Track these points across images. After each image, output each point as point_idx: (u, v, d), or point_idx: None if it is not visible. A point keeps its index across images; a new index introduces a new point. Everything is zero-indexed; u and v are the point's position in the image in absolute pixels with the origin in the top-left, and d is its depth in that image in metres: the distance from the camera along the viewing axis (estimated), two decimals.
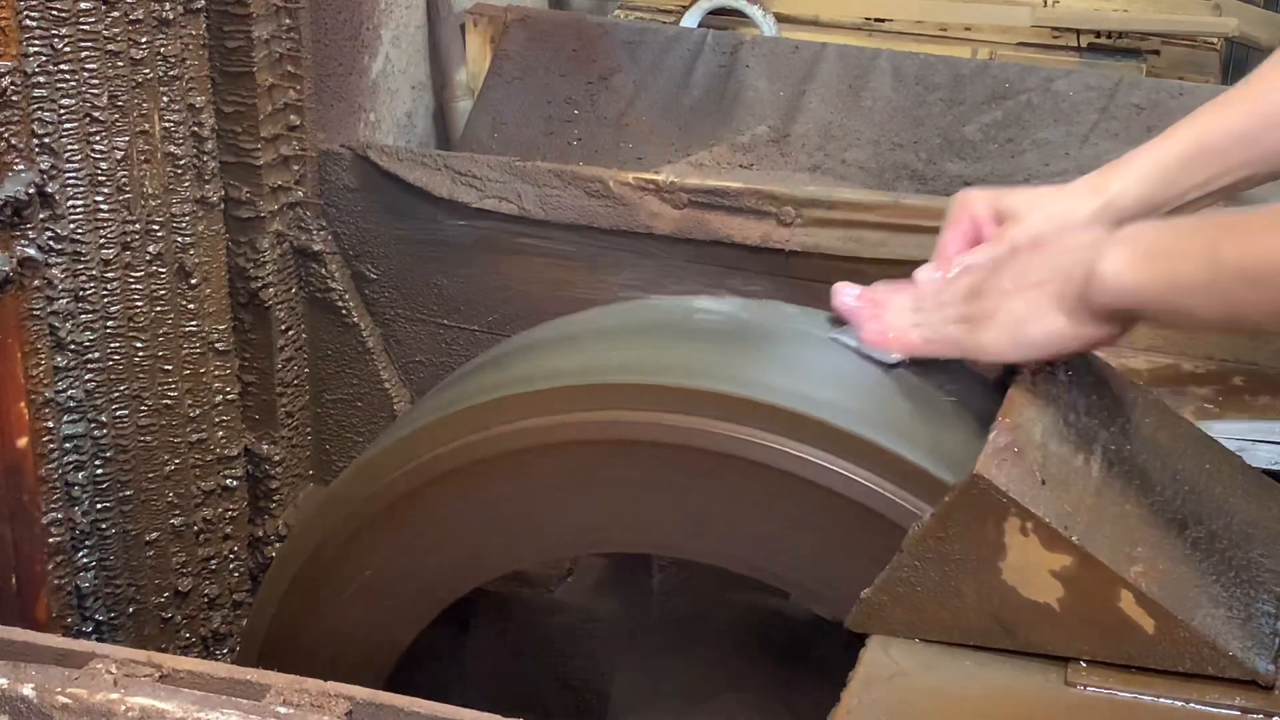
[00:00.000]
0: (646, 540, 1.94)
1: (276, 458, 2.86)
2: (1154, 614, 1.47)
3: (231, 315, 2.66)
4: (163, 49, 2.37)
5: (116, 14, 2.29)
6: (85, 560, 2.50)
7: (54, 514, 2.37)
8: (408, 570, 1.99)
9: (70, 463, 2.42)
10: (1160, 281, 1.54)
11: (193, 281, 2.52)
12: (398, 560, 1.99)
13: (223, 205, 2.57)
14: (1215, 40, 3.96)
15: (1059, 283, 1.63)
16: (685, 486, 1.79)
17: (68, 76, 2.26)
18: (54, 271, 2.32)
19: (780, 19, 3.97)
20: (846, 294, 1.88)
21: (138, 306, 2.46)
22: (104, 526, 2.52)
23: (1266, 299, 1.44)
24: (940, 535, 1.52)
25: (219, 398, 2.64)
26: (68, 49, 2.25)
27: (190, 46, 2.42)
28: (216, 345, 2.61)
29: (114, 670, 1.28)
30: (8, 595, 2.32)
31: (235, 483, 2.72)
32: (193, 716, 1.24)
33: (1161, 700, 1.48)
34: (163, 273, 2.48)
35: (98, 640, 2.39)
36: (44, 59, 2.23)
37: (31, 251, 2.24)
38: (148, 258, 2.45)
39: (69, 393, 2.39)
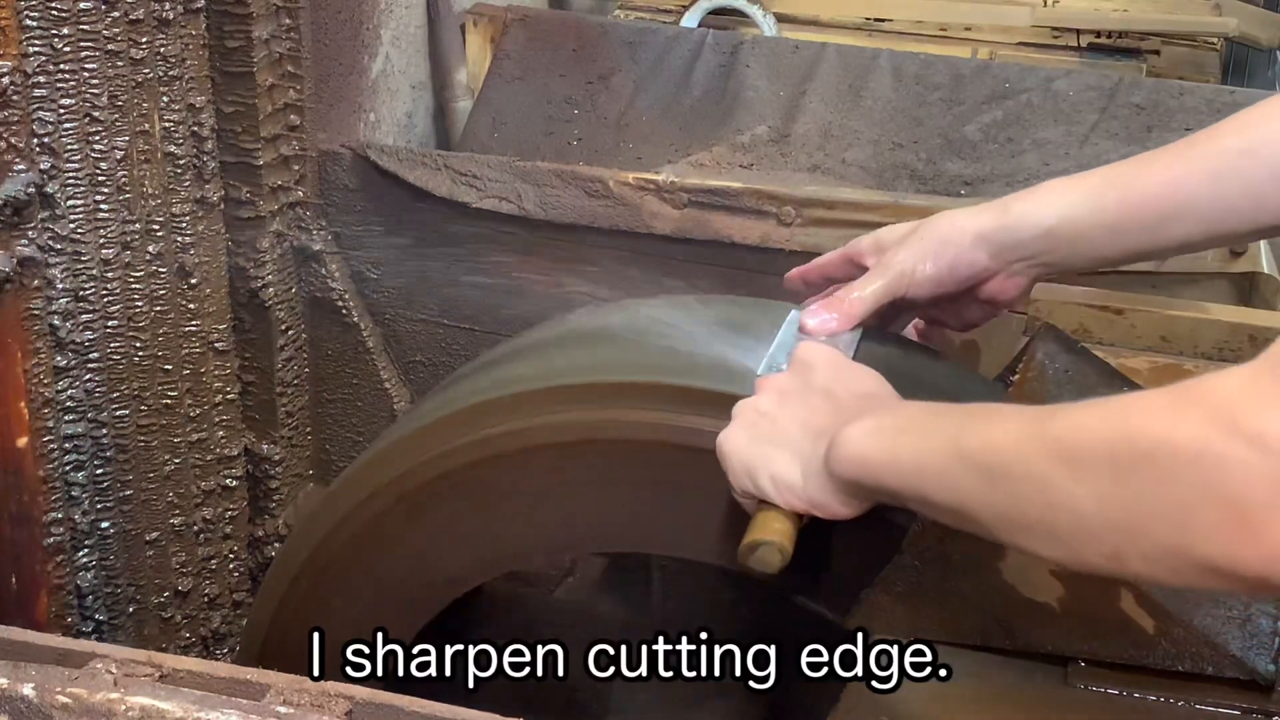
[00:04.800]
0: (646, 540, 1.94)
1: (276, 457, 2.86)
2: (1154, 614, 1.47)
3: (231, 315, 2.66)
4: (163, 49, 2.37)
5: (116, 14, 2.29)
6: (85, 560, 2.50)
7: (54, 514, 2.37)
8: (408, 570, 1.99)
9: (70, 463, 2.42)
10: (900, 460, 1.37)
11: (193, 281, 2.52)
12: (398, 560, 1.99)
13: (223, 205, 2.57)
14: (1215, 40, 3.96)
15: (811, 436, 1.53)
16: (685, 486, 1.79)
17: (68, 76, 2.26)
18: (54, 271, 2.32)
19: (780, 19, 3.97)
20: None
21: (138, 306, 2.45)
22: (104, 526, 2.52)
23: (995, 496, 1.24)
24: (940, 535, 1.52)
25: (219, 398, 2.64)
26: (68, 49, 2.25)
27: (190, 46, 2.42)
28: (216, 345, 2.61)
29: (114, 670, 1.28)
30: (8, 595, 2.32)
31: (235, 483, 2.72)
32: (193, 716, 1.24)
33: (1161, 700, 1.48)
34: (163, 273, 2.48)
35: (98, 640, 2.38)
36: (44, 59, 2.23)
37: (31, 251, 2.24)
38: (148, 258, 2.45)
39: (69, 393, 2.39)
